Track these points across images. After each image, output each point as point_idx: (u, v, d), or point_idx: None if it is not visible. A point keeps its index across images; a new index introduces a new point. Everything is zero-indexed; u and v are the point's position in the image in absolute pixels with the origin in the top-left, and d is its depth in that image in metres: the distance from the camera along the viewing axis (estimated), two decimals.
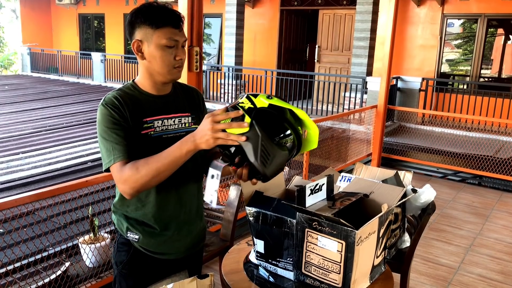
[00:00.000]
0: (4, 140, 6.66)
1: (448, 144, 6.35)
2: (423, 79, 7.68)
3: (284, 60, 10.94)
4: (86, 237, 2.93)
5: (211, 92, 10.12)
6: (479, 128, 7.09)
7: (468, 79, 8.63)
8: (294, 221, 1.60)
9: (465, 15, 8.60)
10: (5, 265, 2.56)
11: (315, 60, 10.08)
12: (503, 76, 8.52)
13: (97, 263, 2.83)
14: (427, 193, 2.26)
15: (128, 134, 1.39)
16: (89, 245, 2.82)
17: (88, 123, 8.01)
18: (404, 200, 1.99)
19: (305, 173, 4.68)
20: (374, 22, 8.28)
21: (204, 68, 10.04)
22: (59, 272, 2.61)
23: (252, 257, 1.82)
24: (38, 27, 15.78)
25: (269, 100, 1.21)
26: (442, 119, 7.71)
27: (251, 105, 1.22)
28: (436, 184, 5.61)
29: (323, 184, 1.75)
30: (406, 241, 2.39)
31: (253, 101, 1.23)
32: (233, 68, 9.87)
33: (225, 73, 9.84)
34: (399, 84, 7.65)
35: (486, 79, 8.68)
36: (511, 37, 8.52)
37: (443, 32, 8.69)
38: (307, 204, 1.67)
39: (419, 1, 8.73)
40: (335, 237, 1.51)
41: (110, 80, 12.88)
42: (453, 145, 6.31)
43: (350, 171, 3.25)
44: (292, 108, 1.23)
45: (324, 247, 1.54)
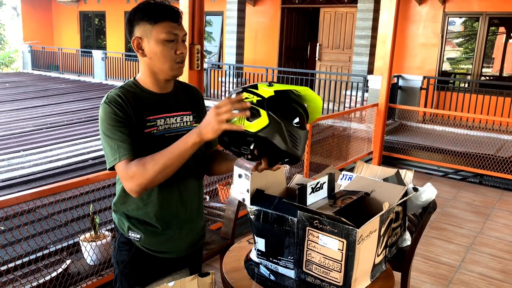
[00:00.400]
0: (5, 138, 6.67)
1: (449, 143, 6.35)
2: (424, 78, 7.67)
3: (285, 58, 10.94)
4: (87, 235, 2.93)
5: (212, 90, 10.12)
6: (480, 127, 7.09)
7: (469, 78, 8.61)
8: (295, 220, 1.61)
9: (467, 14, 8.58)
10: (6, 263, 2.57)
11: (316, 58, 10.07)
12: (504, 75, 8.51)
13: (98, 261, 2.83)
14: (428, 192, 2.26)
15: (132, 132, 1.39)
16: (90, 243, 2.82)
17: (89, 121, 8.01)
18: (405, 199, 1.99)
19: (306, 172, 4.68)
20: (375, 20, 8.26)
21: (205, 66, 10.04)
22: (60, 270, 2.61)
23: (253, 255, 1.83)
24: (39, 25, 15.77)
25: (272, 87, 1.25)
26: (443, 118, 7.70)
27: (257, 97, 1.24)
28: (437, 183, 5.60)
29: (324, 183, 1.75)
30: (407, 240, 2.39)
31: (257, 93, 1.25)
32: (234, 66, 9.87)
33: (226, 71, 9.83)
34: (400, 83, 7.64)
35: (487, 78, 8.66)
36: None
37: (445, 31, 8.68)
38: (308, 203, 1.66)
39: (421, 0, 8.72)
40: (336, 236, 1.51)
41: (111, 78, 12.88)
42: (454, 144, 6.30)
43: (351, 170, 3.25)
44: (293, 88, 1.28)
45: (325, 246, 1.54)
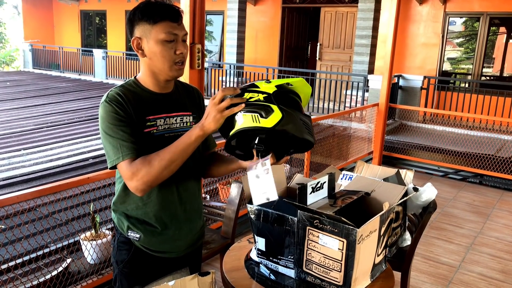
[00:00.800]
0: (6, 137, 6.68)
1: (449, 143, 6.35)
2: (425, 78, 7.67)
3: (286, 58, 10.93)
4: (88, 234, 2.93)
5: (213, 90, 10.12)
6: (481, 127, 7.09)
7: (470, 78, 8.61)
8: (295, 219, 1.61)
9: (467, 13, 8.58)
10: (7, 261, 2.57)
11: (317, 58, 10.07)
12: (505, 75, 8.51)
13: (98, 260, 2.84)
14: (428, 192, 2.26)
15: (134, 131, 1.39)
16: (91, 242, 2.83)
17: (90, 120, 8.01)
18: (405, 199, 1.99)
19: (307, 171, 4.68)
20: (376, 20, 8.26)
21: (206, 66, 10.04)
22: (61, 269, 2.62)
23: (253, 255, 1.83)
24: (40, 24, 15.78)
25: (273, 83, 1.31)
26: (444, 118, 7.70)
27: (262, 95, 1.28)
28: (437, 183, 5.60)
29: (325, 182, 1.75)
30: (407, 240, 2.39)
31: (261, 90, 1.29)
32: (235, 66, 9.87)
33: (227, 71, 9.83)
34: (401, 82, 7.64)
35: (488, 78, 8.66)
36: None
37: (445, 31, 8.67)
38: (309, 202, 1.67)
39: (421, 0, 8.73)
40: (336, 235, 1.51)
41: (112, 77, 12.89)
42: (454, 144, 6.30)
43: (352, 169, 3.25)
44: (288, 81, 1.34)
45: (325, 245, 1.54)
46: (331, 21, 9.74)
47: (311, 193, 1.68)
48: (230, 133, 1.31)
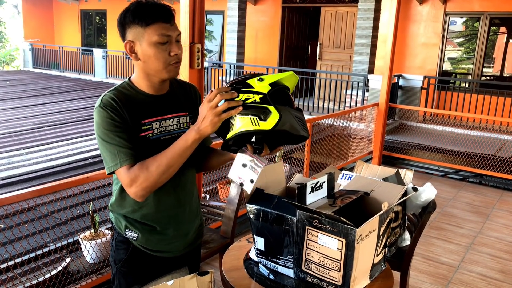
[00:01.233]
0: (6, 136, 6.68)
1: (449, 143, 6.35)
2: (425, 77, 7.67)
3: (286, 58, 10.93)
4: (87, 233, 2.93)
5: (213, 89, 10.11)
6: (481, 127, 7.08)
7: (470, 78, 8.61)
8: (295, 219, 1.61)
9: (468, 13, 8.57)
10: (6, 261, 2.57)
11: (317, 58, 10.07)
12: (505, 75, 8.51)
13: (98, 259, 2.84)
14: (428, 192, 2.26)
15: (130, 136, 1.37)
16: (90, 241, 2.83)
17: (90, 119, 8.01)
18: (405, 199, 1.99)
19: (306, 171, 4.68)
20: (376, 20, 8.26)
21: (206, 65, 10.04)
22: (60, 268, 2.62)
23: (253, 255, 1.83)
24: (40, 23, 15.77)
25: (266, 81, 1.32)
26: (444, 118, 7.69)
27: (258, 95, 1.29)
28: (437, 183, 5.60)
29: (324, 182, 1.75)
30: (407, 240, 2.39)
31: (255, 91, 1.30)
32: (235, 65, 9.86)
33: (227, 70, 9.83)
34: (401, 82, 7.64)
35: (488, 78, 8.66)
36: None
37: (445, 30, 8.67)
38: (308, 202, 1.67)
39: None
40: (336, 235, 1.51)
41: (112, 76, 12.89)
42: (454, 144, 6.30)
43: (351, 169, 3.25)
44: (281, 77, 1.36)
45: (325, 245, 1.54)
46: (331, 21, 9.74)
47: (311, 193, 1.68)
48: (229, 136, 1.31)
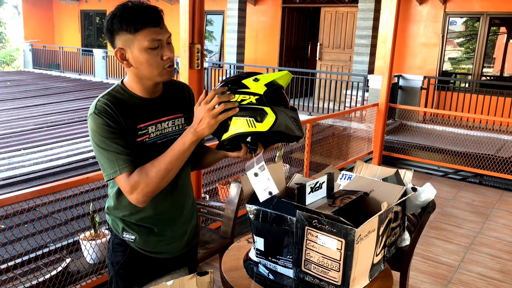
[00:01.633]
0: (6, 136, 6.68)
1: (449, 143, 6.35)
2: (425, 78, 7.67)
3: (286, 58, 10.93)
4: (87, 234, 2.93)
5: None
6: (481, 127, 7.08)
7: (470, 78, 8.61)
8: (294, 219, 1.61)
9: (468, 13, 8.58)
10: (6, 261, 2.58)
11: (317, 58, 10.07)
12: (505, 75, 8.51)
13: (98, 260, 2.84)
14: (428, 192, 2.26)
15: (127, 142, 1.36)
16: (90, 242, 2.83)
17: None
18: (404, 199, 1.99)
19: (306, 171, 4.68)
20: (376, 20, 8.26)
21: (206, 66, 10.04)
22: (60, 268, 2.62)
23: (252, 255, 1.83)
24: (40, 24, 15.78)
25: (262, 81, 1.32)
26: (444, 118, 7.69)
27: (254, 96, 1.28)
28: (437, 183, 5.60)
29: (323, 182, 1.75)
30: (406, 240, 2.39)
31: (251, 92, 1.29)
32: (235, 66, 9.87)
33: (227, 71, 9.83)
34: (401, 82, 7.64)
35: (488, 78, 8.66)
36: None
37: (445, 31, 8.67)
38: (307, 202, 1.67)
39: None
40: (335, 235, 1.51)
41: (112, 77, 12.89)
42: (454, 144, 6.30)
43: (351, 169, 3.25)
44: (276, 76, 1.35)
45: (324, 245, 1.55)
46: (331, 21, 9.74)
47: (310, 193, 1.68)
48: (225, 137, 1.31)
